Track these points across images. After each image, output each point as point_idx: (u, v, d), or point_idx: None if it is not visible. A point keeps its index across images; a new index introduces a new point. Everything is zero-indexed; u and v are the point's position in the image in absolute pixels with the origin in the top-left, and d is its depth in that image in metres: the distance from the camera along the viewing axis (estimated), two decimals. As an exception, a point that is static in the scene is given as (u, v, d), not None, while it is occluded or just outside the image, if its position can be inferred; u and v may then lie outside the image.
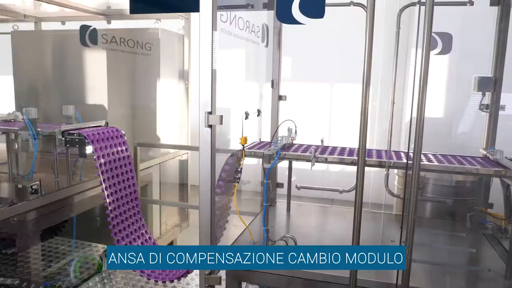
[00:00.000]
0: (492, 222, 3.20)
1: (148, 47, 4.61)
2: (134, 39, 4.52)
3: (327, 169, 5.86)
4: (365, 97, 1.96)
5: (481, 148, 3.18)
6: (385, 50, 3.61)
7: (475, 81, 3.18)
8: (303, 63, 6.08)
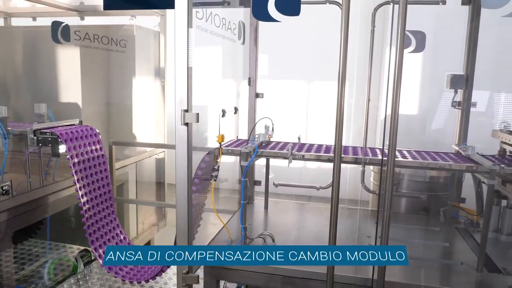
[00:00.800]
0: (465, 216, 3.29)
1: (123, 44, 4.53)
2: (109, 36, 4.43)
3: (304, 166, 5.90)
4: (340, 94, 1.97)
5: (454, 144, 3.26)
6: (360, 48, 3.64)
7: (447, 79, 3.25)
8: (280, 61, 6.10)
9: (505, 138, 2.78)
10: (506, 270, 2.51)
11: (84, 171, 2.86)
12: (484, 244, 2.49)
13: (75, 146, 2.86)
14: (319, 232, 3.01)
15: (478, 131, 3.43)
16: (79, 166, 2.83)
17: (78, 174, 2.80)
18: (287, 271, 2.48)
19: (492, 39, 3.84)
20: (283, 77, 6.31)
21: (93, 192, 2.87)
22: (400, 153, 2.85)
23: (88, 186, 2.84)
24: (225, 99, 4.18)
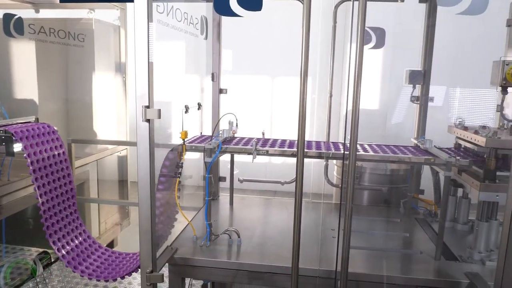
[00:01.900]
0: (423, 207, 3.41)
1: (81, 38, 4.39)
2: (65, 30, 4.28)
3: (269, 161, 5.92)
4: (303, 89, 1.99)
5: (413, 138, 3.36)
6: (323, 44, 3.69)
7: (406, 74, 3.35)
8: (244, 56, 6.09)
9: (460, 134, 2.90)
10: (462, 257, 2.62)
11: (44, 170, 2.75)
12: (442, 233, 2.59)
13: (32, 144, 2.74)
14: (284, 227, 3.03)
15: (435, 124, 3.56)
16: (37, 165, 2.71)
17: (36, 173, 2.69)
18: (253, 266, 2.50)
19: (448, 36, 3.98)
20: (247, 73, 6.31)
21: (53, 191, 2.76)
22: (361, 147, 2.91)
23: (47, 185, 2.73)
24: (189, 95, 4.13)
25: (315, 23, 2.26)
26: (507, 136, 2.53)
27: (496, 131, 2.57)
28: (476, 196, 2.48)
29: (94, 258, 2.80)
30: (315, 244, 2.73)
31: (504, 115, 2.28)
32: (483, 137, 2.51)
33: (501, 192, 2.40)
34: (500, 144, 2.43)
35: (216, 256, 2.56)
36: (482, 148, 2.59)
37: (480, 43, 3.97)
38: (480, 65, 2.32)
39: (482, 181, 2.47)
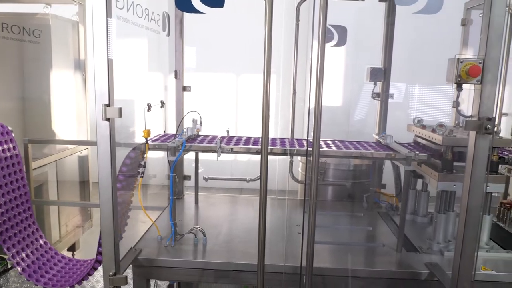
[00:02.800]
0: (385, 201, 3.50)
1: (37, 34, 4.21)
2: (20, 25, 4.09)
3: (235, 159, 5.91)
4: (266, 87, 1.99)
5: (374, 134, 3.44)
6: (286, 42, 3.72)
7: (367, 72, 3.42)
8: (208, 53, 6.04)
9: (418, 132, 2.99)
10: (422, 248, 2.71)
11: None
12: (403, 226, 2.67)
13: (-16, 145, 2.61)
14: (250, 224, 3.04)
15: (396, 120, 3.66)
16: (-11, 168, 2.59)
17: (-12, 176, 2.56)
18: (219, 265, 2.48)
19: (407, 34, 4.09)
20: (212, 70, 6.26)
21: (6, 195, 2.64)
22: (325, 143, 2.95)
23: (0, 189, 2.61)
24: (152, 92, 4.05)
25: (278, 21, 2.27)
26: (462, 134, 2.63)
27: (452, 129, 2.68)
28: (435, 186, 2.57)
29: (50, 265, 2.71)
30: (281, 241, 2.75)
31: (459, 111, 2.37)
32: (439, 135, 2.61)
33: (458, 182, 2.49)
34: (455, 142, 2.54)
35: (182, 255, 2.53)
36: (439, 147, 2.69)
37: (437, 42, 4.10)
38: (437, 62, 2.40)
39: (441, 171, 2.56)
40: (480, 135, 1.90)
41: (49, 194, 4.40)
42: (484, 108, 1.90)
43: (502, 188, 2.57)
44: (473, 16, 3.69)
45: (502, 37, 1.85)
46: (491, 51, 1.87)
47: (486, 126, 1.87)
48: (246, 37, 6.17)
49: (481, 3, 1.90)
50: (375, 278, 2.46)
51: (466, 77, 1.97)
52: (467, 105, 2.06)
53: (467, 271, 2.04)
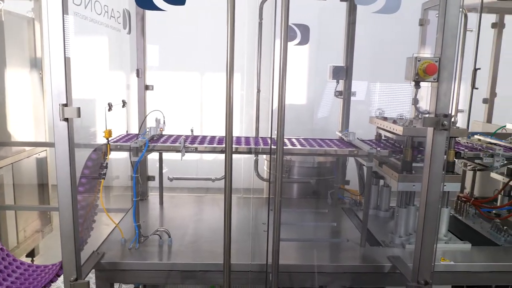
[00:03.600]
0: (349, 197, 3.57)
1: (-12, 31, 4.00)
2: (-31, 21, 3.88)
3: (200, 158, 5.86)
4: (229, 85, 1.98)
5: (337, 131, 3.50)
6: (250, 40, 3.72)
7: (330, 70, 3.47)
8: (172, 52, 5.95)
9: (380, 124, 3.07)
10: (384, 242, 2.78)
11: None
12: (366, 221, 2.73)
13: None
14: (216, 223, 3.02)
15: (358, 118, 3.74)
16: None
17: None
18: (185, 266, 2.46)
19: (368, 33, 4.18)
20: (175, 69, 6.17)
21: (-43, 201, 2.50)
22: (289, 141, 2.97)
23: (-49, 194, 2.47)
24: (113, 92, 3.95)
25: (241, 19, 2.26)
26: (422, 125, 2.72)
27: (412, 120, 2.76)
28: (396, 186, 2.64)
29: (7, 272, 2.59)
30: (248, 239, 2.75)
31: (418, 107, 2.45)
32: (400, 126, 2.68)
33: (417, 182, 2.58)
34: (415, 132, 2.62)
35: (146, 258, 2.48)
36: (400, 137, 2.77)
37: (397, 41, 4.22)
38: (397, 61, 2.47)
39: (400, 172, 2.64)
40: (437, 131, 1.97)
41: (5, 199, 4.20)
42: (441, 105, 1.97)
43: (458, 187, 2.68)
44: (430, 16, 3.81)
45: (457, 37, 1.92)
46: (446, 50, 1.93)
47: (443, 122, 1.94)
48: (210, 35, 6.13)
49: (437, 4, 1.97)
50: (340, 273, 2.50)
51: (424, 75, 2.04)
52: (426, 102, 2.12)
53: (427, 262, 2.10)
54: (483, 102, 4.26)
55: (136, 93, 3.41)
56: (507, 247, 2.78)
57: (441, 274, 2.50)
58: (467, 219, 3.28)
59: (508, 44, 4.14)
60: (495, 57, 4.13)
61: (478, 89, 3.83)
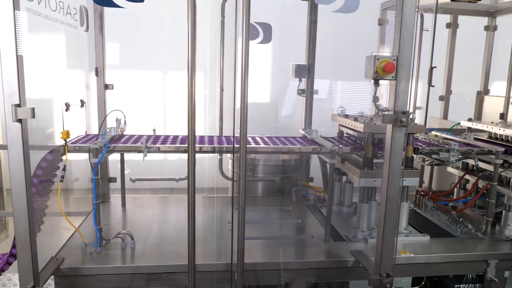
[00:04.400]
0: (313, 194, 3.62)
1: None
2: None
3: (164, 158, 5.76)
4: (191, 84, 1.95)
5: (301, 129, 3.53)
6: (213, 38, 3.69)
7: (292, 68, 3.50)
8: (133, 50, 5.81)
9: (342, 121, 3.12)
10: (348, 237, 2.84)
11: None
12: (329, 217, 2.77)
13: None
14: (181, 224, 2.98)
15: (321, 115, 3.78)
16: None
17: None
18: (150, 268, 2.41)
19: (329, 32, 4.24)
20: (137, 67, 6.04)
21: None
22: (253, 140, 2.97)
23: None
24: (72, 91, 3.82)
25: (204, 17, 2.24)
26: (381, 122, 2.79)
27: (372, 117, 2.82)
28: (358, 182, 2.70)
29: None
30: (214, 239, 2.73)
31: (378, 105, 2.50)
32: (361, 123, 2.74)
33: (378, 178, 2.64)
34: (375, 129, 2.69)
35: (109, 262, 2.42)
36: (361, 134, 2.83)
37: (358, 40, 4.30)
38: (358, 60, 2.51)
39: (362, 168, 2.70)
40: (396, 128, 2.02)
41: (-45, 205, 3.99)
42: (399, 103, 2.02)
43: (416, 182, 2.77)
44: (388, 16, 3.91)
45: (413, 36, 1.98)
46: (403, 49, 1.99)
47: (401, 119, 2.00)
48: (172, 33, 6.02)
49: (395, 4, 2.01)
50: (305, 269, 2.53)
51: (382, 73, 2.08)
52: (386, 100, 2.17)
53: (388, 255, 2.16)
54: (439, 99, 4.41)
55: (95, 93, 3.31)
56: (463, 238, 2.90)
57: (402, 266, 2.58)
58: (426, 212, 3.39)
59: (461, 43, 4.31)
60: (450, 56, 4.29)
61: (434, 87, 3.97)
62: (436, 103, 4.40)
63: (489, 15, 4.21)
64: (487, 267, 2.70)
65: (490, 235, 2.90)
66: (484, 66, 4.29)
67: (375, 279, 2.15)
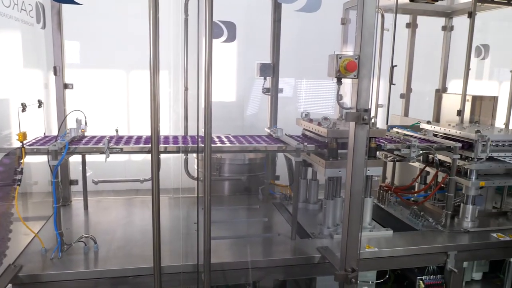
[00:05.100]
0: (280, 191, 3.64)
1: None
2: None
3: (129, 159, 5.64)
4: (153, 83, 1.92)
5: (266, 127, 3.55)
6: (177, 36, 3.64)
7: (257, 67, 3.51)
8: (95, 49, 5.65)
9: (306, 126, 3.16)
10: (314, 234, 2.87)
11: None
12: (295, 214, 2.79)
13: None
14: (146, 226, 2.92)
15: (286, 114, 3.81)
16: None
17: None
18: (115, 272, 2.36)
19: (294, 31, 4.28)
20: (99, 66, 5.87)
21: None
22: (218, 139, 2.95)
23: None
24: (29, 91, 3.67)
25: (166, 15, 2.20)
26: (345, 126, 2.84)
27: (335, 122, 2.87)
28: (323, 173, 2.74)
29: None
30: (180, 240, 2.70)
31: (341, 104, 2.54)
32: (324, 128, 2.79)
33: (343, 168, 2.68)
34: (339, 134, 2.74)
35: (71, 267, 2.34)
36: (325, 138, 2.87)
37: (322, 39, 4.35)
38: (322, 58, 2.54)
39: (327, 159, 2.74)
40: (358, 125, 2.06)
41: None
42: (361, 100, 2.06)
43: (380, 171, 2.84)
44: (351, 16, 3.99)
45: (374, 36, 2.02)
46: (365, 48, 2.03)
47: (363, 117, 2.04)
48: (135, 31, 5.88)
49: (356, 4, 2.05)
50: (272, 267, 2.54)
51: (345, 72, 2.12)
52: (350, 98, 2.21)
53: (353, 251, 2.20)
54: (400, 97, 4.54)
55: (55, 93, 3.20)
56: (424, 231, 3.00)
57: (366, 261, 2.64)
58: (389, 207, 3.48)
59: (421, 43, 4.45)
60: (410, 55, 4.42)
61: (395, 85, 4.08)
62: (398, 100, 4.52)
63: (446, 15, 4.37)
64: (447, 258, 2.81)
65: (449, 228, 3.02)
66: (442, 65, 4.45)
67: (340, 274, 2.18)
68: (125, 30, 5.76)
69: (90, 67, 5.33)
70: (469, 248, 2.86)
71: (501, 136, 3.05)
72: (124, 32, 5.79)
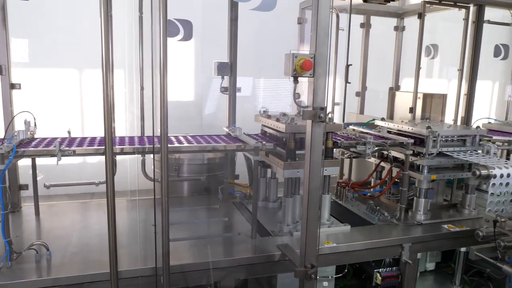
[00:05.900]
0: (239, 191, 3.63)
1: None
2: None
3: (83, 161, 5.43)
4: (106, 83, 1.86)
5: (225, 127, 3.53)
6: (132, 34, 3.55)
7: (214, 66, 3.48)
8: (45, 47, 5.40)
9: (265, 122, 3.17)
10: (274, 232, 2.89)
11: None
12: (255, 213, 2.80)
13: None
14: (102, 230, 2.81)
15: (245, 113, 3.80)
16: None
17: None
18: (69, 279, 2.27)
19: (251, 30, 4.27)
20: (50, 65, 5.62)
21: None
22: (176, 139, 2.91)
23: None
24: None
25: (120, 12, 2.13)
26: (303, 122, 2.87)
27: (293, 117, 2.90)
28: (282, 174, 2.76)
29: None
30: (138, 243, 2.63)
31: (298, 102, 2.57)
32: (283, 123, 2.81)
33: (301, 169, 2.72)
34: (297, 129, 2.77)
35: (21, 276, 2.24)
36: (284, 134, 2.89)
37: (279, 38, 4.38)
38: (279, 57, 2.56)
39: (285, 160, 2.76)
40: (315, 123, 2.09)
41: None
42: (317, 99, 2.09)
43: (337, 171, 2.89)
44: (307, 15, 4.05)
45: (329, 35, 2.05)
46: (320, 47, 2.06)
47: (320, 115, 2.06)
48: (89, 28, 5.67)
49: (311, 4, 2.07)
50: (233, 266, 2.54)
51: (301, 70, 2.14)
52: (307, 96, 2.23)
53: (312, 247, 2.23)
54: (356, 95, 4.66)
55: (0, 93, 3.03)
56: (380, 225, 3.09)
57: (325, 256, 2.69)
58: (346, 203, 3.57)
59: (375, 42, 4.58)
60: (364, 54, 4.54)
61: (351, 83, 4.17)
62: (353, 98, 4.63)
63: (398, 16, 4.53)
64: (402, 250, 2.91)
65: (403, 221, 3.13)
66: (395, 64, 4.61)
67: (300, 270, 2.21)
68: (78, 27, 5.55)
69: (40, 66, 5.07)
70: (422, 240, 2.98)
71: (450, 132, 3.20)
72: (77, 29, 5.58)
